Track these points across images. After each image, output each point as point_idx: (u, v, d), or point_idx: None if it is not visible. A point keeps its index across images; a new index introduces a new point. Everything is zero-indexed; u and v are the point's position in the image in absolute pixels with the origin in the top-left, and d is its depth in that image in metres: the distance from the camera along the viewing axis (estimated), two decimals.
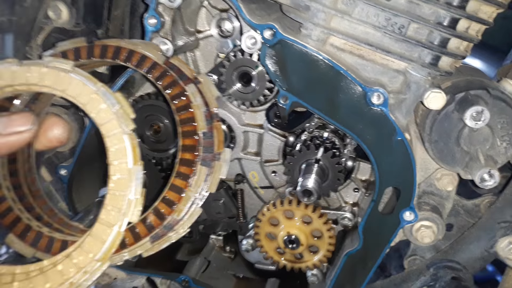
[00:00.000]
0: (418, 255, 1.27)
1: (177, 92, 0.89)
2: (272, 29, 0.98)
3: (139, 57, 0.91)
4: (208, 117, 0.88)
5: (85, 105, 0.74)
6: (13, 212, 0.85)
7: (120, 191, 0.72)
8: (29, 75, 0.76)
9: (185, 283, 1.32)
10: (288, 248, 1.23)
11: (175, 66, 0.93)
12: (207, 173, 0.85)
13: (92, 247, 0.73)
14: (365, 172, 1.26)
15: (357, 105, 1.00)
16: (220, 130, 0.89)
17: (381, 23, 0.96)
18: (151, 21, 1.07)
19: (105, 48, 0.92)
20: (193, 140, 0.86)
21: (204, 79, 0.94)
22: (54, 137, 0.79)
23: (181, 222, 0.84)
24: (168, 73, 0.91)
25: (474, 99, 0.99)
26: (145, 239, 0.82)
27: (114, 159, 0.73)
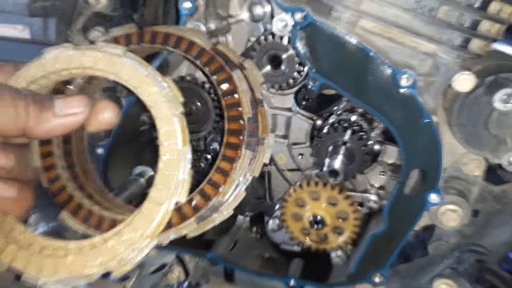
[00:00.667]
0: (443, 240, 1.28)
1: (224, 77, 0.91)
2: (303, 11, 1.01)
3: (187, 43, 0.94)
4: (253, 103, 0.90)
5: (136, 88, 0.77)
6: (66, 190, 0.89)
7: (169, 171, 0.74)
8: (84, 59, 0.79)
9: (213, 260, 1.37)
10: (314, 229, 1.26)
11: (221, 52, 0.95)
12: (251, 157, 0.87)
13: (141, 224, 0.75)
14: (392, 155, 1.28)
15: (386, 87, 1.02)
16: (264, 115, 0.91)
17: (411, 6, 0.97)
18: (185, 5, 1.12)
19: (155, 34, 0.95)
20: (239, 124, 0.88)
21: (250, 65, 0.96)
22: (105, 120, 0.81)
23: (225, 204, 0.85)
24: (216, 59, 0.93)
25: (504, 82, 0.99)
26: (191, 219, 0.84)
27: (164, 140, 0.75)
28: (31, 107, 0.73)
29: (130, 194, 1.25)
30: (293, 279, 1.31)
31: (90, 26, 1.33)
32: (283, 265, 1.40)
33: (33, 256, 0.77)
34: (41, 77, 0.81)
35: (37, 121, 0.73)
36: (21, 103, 0.72)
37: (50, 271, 0.76)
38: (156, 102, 0.76)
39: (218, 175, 0.85)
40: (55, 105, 0.75)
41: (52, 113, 0.74)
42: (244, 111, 0.89)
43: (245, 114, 0.89)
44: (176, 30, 0.97)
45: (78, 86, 0.89)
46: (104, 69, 0.79)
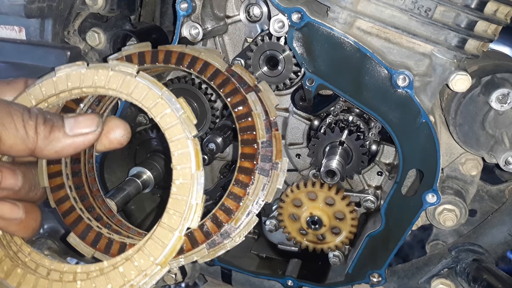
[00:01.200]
0: (440, 240, 1.29)
1: (238, 100, 0.89)
2: (299, 12, 1.01)
3: (202, 64, 0.92)
4: (268, 126, 0.88)
5: (150, 109, 0.76)
6: (75, 211, 0.87)
7: (182, 195, 0.73)
8: (97, 78, 0.78)
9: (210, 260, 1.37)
10: (311, 229, 1.26)
11: (236, 74, 0.93)
12: (265, 182, 0.84)
13: (153, 250, 0.74)
14: (389, 155, 1.28)
15: (383, 87, 1.02)
16: (279, 139, 0.88)
17: (408, 6, 0.97)
18: (182, 6, 1.12)
19: (169, 54, 0.93)
20: (253, 148, 0.85)
21: (265, 87, 0.94)
22: (115, 139, 0.79)
23: (237, 230, 0.83)
24: (230, 80, 0.91)
25: (500, 82, 1.00)
26: (202, 245, 0.82)
27: (177, 163, 0.74)
28: (41, 127, 0.71)
29: (126, 195, 1.25)
30: (290, 279, 1.31)
31: (86, 27, 1.33)
32: (281, 266, 1.40)
33: (40, 280, 0.76)
34: (52, 95, 0.79)
35: (47, 141, 0.71)
36: (31, 123, 0.70)
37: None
38: (170, 124, 0.74)
39: (231, 200, 0.83)
40: (66, 124, 0.73)
41: (62, 133, 0.73)
42: (258, 135, 0.86)
43: (259, 138, 0.86)
44: (191, 50, 0.95)
45: (88, 104, 0.87)
46: (117, 89, 0.77)
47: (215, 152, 1.16)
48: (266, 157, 0.85)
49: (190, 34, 1.15)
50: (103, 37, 1.31)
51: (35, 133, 0.70)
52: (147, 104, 0.75)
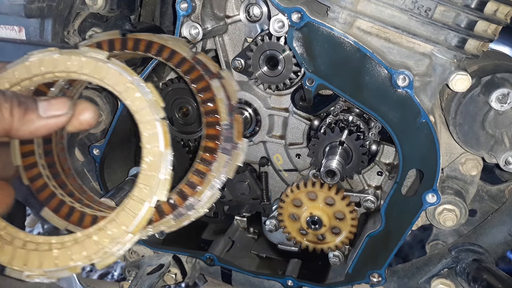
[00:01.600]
0: (440, 240, 1.29)
1: (203, 86, 0.97)
2: (299, 12, 1.01)
3: (169, 52, 0.99)
4: (230, 110, 0.96)
5: (121, 93, 0.82)
6: (48, 188, 0.92)
7: (151, 171, 0.79)
8: (69, 63, 0.83)
9: (210, 260, 1.37)
10: (311, 229, 1.26)
11: (201, 62, 1.00)
12: (226, 160, 0.93)
13: (125, 220, 0.80)
14: (389, 155, 1.28)
15: (383, 87, 1.02)
16: (240, 122, 0.97)
17: (408, 6, 0.97)
18: (182, 5, 1.12)
19: (138, 42, 1.00)
20: (216, 130, 0.94)
21: (227, 75, 1.01)
22: (85, 120, 0.85)
23: (201, 203, 0.91)
24: (195, 68, 0.98)
25: (500, 82, 1.00)
26: (169, 216, 0.89)
27: (147, 143, 0.80)
28: (16, 109, 0.75)
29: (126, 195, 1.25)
30: (290, 279, 1.31)
31: (86, 27, 1.33)
32: (281, 266, 1.40)
33: (17, 251, 0.80)
34: (25, 79, 0.83)
35: (22, 122, 0.75)
36: (6, 105, 0.74)
37: (35, 264, 0.79)
38: (140, 107, 0.80)
39: (196, 176, 0.91)
40: (39, 107, 0.78)
41: (36, 115, 0.77)
42: (221, 118, 0.94)
43: (222, 120, 0.94)
44: (159, 39, 1.01)
45: (59, 87, 0.92)
46: (90, 74, 0.82)
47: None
48: (228, 138, 0.93)
49: (190, 34, 1.15)
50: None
51: (10, 115, 0.74)
52: (119, 89, 0.81)
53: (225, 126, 0.94)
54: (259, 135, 1.31)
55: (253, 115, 1.30)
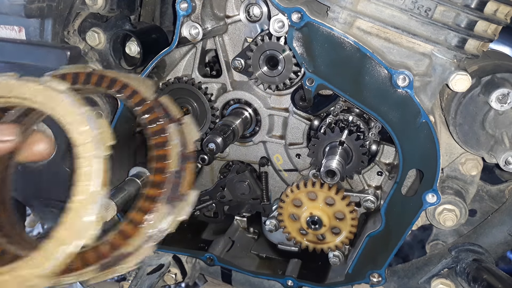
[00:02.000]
0: (440, 240, 1.29)
1: (157, 129, 0.91)
2: (299, 12, 1.01)
3: (131, 91, 0.96)
4: (183, 157, 0.89)
5: (69, 124, 0.78)
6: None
7: (77, 212, 0.74)
8: (24, 90, 0.82)
9: (210, 260, 1.37)
10: (311, 229, 1.26)
11: (161, 105, 0.96)
12: (168, 211, 0.83)
13: (39, 263, 0.74)
14: (389, 155, 1.28)
15: (383, 87, 1.02)
16: (191, 172, 0.88)
17: (408, 6, 0.97)
18: (182, 5, 1.12)
19: (102, 78, 0.97)
20: (162, 177, 0.85)
21: (187, 121, 0.95)
22: (37, 151, 0.84)
23: (132, 255, 0.81)
24: (153, 110, 0.93)
25: (500, 82, 1.00)
26: (93, 266, 0.80)
27: (79, 180, 0.75)
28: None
29: (126, 195, 1.25)
30: (290, 279, 1.31)
31: (86, 27, 1.33)
32: (281, 266, 1.40)
33: None
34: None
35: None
36: None
37: None
38: (83, 141, 0.76)
39: (130, 226, 0.81)
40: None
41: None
42: (170, 164, 0.86)
43: (171, 167, 0.86)
44: (124, 77, 0.98)
45: (16, 115, 0.90)
46: (42, 102, 0.80)
47: (215, 152, 1.16)
48: (175, 187, 0.84)
49: (190, 34, 1.16)
50: (103, 37, 1.31)
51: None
52: (68, 120, 0.78)
53: (172, 174, 0.84)
54: (259, 135, 1.31)
55: (253, 115, 1.30)
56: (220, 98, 1.30)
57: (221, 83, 1.30)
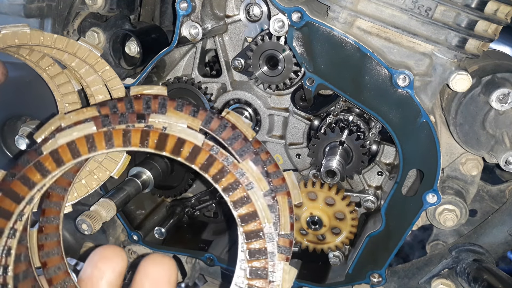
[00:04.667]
0: (441, 240, 1.28)
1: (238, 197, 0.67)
2: (299, 11, 1.01)
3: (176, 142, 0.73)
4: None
5: (93, 65, 0.99)
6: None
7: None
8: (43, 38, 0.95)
9: (210, 261, 1.37)
10: (311, 229, 1.26)
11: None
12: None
13: (109, 166, 1.00)
14: (389, 155, 1.28)
15: (383, 87, 1.02)
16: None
17: (408, 6, 0.97)
18: (182, 5, 1.11)
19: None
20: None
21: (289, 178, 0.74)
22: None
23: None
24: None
25: (500, 82, 0.99)
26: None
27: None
28: None
29: (126, 195, 1.25)
30: None
31: (86, 27, 1.32)
32: None
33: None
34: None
35: None
36: None
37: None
38: (110, 77, 0.98)
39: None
40: None
41: None
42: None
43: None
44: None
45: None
46: (63, 49, 0.97)
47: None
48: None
49: (190, 34, 1.15)
50: (103, 37, 1.30)
51: None
52: (90, 61, 0.99)
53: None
54: (259, 135, 1.31)
55: (253, 115, 1.30)
56: (220, 98, 1.30)
57: (221, 83, 1.30)
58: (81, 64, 1.02)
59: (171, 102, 0.73)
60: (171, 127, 0.69)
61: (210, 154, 0.69)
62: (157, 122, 0.69)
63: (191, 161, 0.69)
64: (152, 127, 0.69)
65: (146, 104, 0.73)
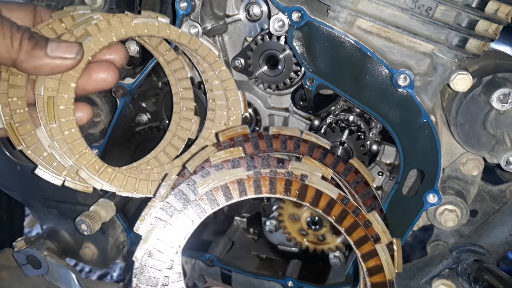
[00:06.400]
0: (441, 240, 1.28)
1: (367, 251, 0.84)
2: (300, 11, 1.01)
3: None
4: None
5: (211, 64, 1.06)
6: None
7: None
8: (169, 32, 1.02)
9: (209, 261, 1.37)
10: (311, 230, 1.26)
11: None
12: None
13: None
14: (390, 155, 1.27)
15: (383, 87, 1.02)
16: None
17: (408, 5, 0.96)
18: (182, 5, 1.11)
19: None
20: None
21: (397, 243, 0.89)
22: (100, 78, 0.90)
23: None
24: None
25: (501, 82, 0.99)
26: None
27: (232, 106, 1.08)
28: (25, 41, 0.78)
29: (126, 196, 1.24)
30: (290, 280, 1.31)
31: None
32: (281, 266, 1.40)
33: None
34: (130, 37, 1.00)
35: (28, 55, 0.78)
36: (17, 35, 0.77)
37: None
38: (226, 76, 1.09)
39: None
40: (48, 46, 0.80)
41: (44, 52, 0.80)
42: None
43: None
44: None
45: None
46: (186, 44, 1.03)
47: None
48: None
49: (190, 33, 1.15)
50: None
51: (19, 45, 0.78)
52: (209, 60, 1.06)
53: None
54: None
55: (253, 115, 1.29)
56: None
57: None
58: (202, 61, 1.09)
59: (304, 143, 0.88)
60: (310, 177, 0.80)
61: (343, 208, 0.81)
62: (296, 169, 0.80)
63: (328, 213, 0.81)
64: (292, 174, 0.80)
65: (283, 144, 0.88)
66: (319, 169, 0.82)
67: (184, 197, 0.79)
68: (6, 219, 1.76)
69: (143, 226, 0.79)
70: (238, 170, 0.79)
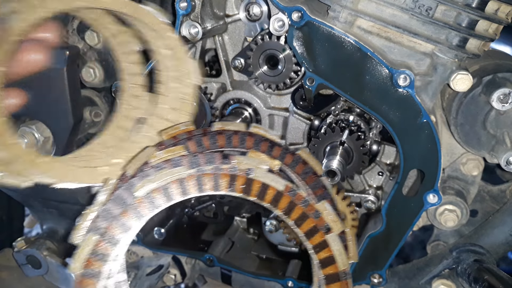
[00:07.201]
0: (441, 240, 1.28)
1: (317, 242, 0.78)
2: (300, 11, 1.00)
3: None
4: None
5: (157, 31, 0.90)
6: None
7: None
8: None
9: (209, 261, 1.37)
10: None
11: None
12: None
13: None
14: (390, 155, 1.27)
15: (383, 87, 1.01)
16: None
17: (409, 5, 0.96)
18: (182, 4, 1.11)
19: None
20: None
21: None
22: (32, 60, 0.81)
23: None
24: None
25: (501, 82, 0.99)
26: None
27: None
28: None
29: None
30: (290, 280, 1.31)
31: (85, 27, 1.32)
32: (281, 266, 1.40)
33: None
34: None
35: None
36: None
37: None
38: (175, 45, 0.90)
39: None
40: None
41: None
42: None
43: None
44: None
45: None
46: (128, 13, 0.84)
47: None
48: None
49: (190, 33, 1.15)
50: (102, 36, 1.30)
51: None
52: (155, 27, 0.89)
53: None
54: None
55: (253, 115, 1.29)
56: (220, 98, 1.30)
57: (220, 82, 1.30)
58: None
59: (250, 137, 0.84)
60: (255, 171, 0.76)
61: (291, 200, 0.77)
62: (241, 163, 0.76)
63: (275, 205, 0.77)
64: (237, 169, 0.75)
65: (228, 139, 0.84)
66: (265, 162, 0.78)
67: (122, 202, 0.73)
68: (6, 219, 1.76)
69: (79, 236, 0.73)
70: (179, 169, 0.74)
